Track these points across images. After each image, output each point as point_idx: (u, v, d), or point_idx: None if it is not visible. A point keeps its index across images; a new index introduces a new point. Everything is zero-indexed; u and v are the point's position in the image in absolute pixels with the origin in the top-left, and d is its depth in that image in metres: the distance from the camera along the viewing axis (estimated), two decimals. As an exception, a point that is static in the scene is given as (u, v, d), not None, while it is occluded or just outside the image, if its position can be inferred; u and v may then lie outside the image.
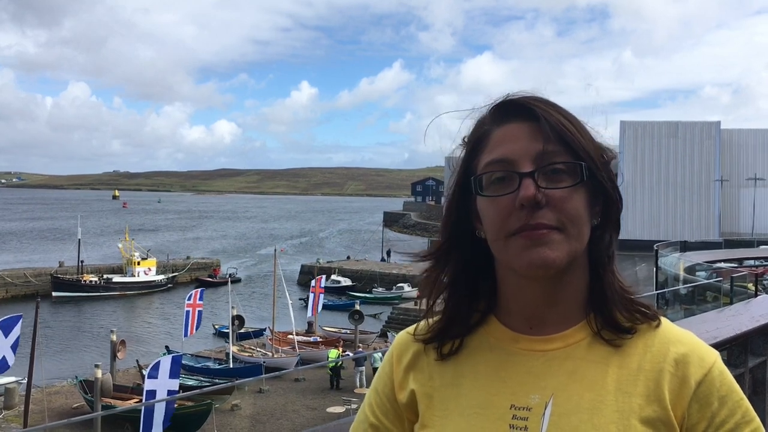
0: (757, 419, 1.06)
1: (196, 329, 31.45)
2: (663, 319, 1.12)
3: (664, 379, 1.04)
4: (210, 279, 60.30)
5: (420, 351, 1.18)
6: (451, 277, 1.16)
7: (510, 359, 1.10)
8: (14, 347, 20.06)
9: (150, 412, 17.99)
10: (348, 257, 70.08)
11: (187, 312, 31.09)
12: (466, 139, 1.14)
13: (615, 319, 1.08)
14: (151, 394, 18.93)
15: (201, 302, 31.62)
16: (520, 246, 1.02)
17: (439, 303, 1.18)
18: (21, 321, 20.19)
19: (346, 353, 30.41)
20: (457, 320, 1.15)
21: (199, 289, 33.77)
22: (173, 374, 19.00)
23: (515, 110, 1.08)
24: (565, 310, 1.09)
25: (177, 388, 19.48)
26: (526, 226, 1.02)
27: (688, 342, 1.08)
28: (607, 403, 1.03)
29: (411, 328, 1.23)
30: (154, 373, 19.10)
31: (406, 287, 52.10)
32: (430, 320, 1.18)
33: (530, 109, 1.06)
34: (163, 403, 17.78)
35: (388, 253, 70.16)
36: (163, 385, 18.93)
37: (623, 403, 1.03)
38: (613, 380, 1.05)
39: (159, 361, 19.58)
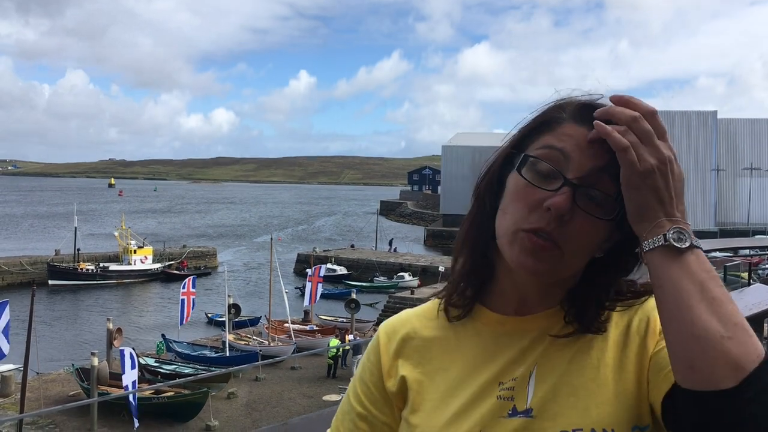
0: None
1: (190, 317, 31.90)
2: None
3: (635, 329, 1.07)
4: (177, 272, 57.42)
5: (407, 337, 1.19)
6: (477, 240, 1.13)
7: (497, 341, 1.12)
8: (6, 333, 20.01)
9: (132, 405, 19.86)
10: (352, 245, 70.00)
11: (182, 300, 31.34)
12: (536, 112, 1.09)
13: (588, 322, 1.09)
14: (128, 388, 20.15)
15: (194, 290, 31.89)
16: (519, 245, 1.02)
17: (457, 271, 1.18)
18: (8, 306, 20.01)
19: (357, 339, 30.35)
20: (477, 279, 1.15)
21: (191, 277, 33.99)
22: (132, 365, 20.45)
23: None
24: (553, 297, 1.11)
25: (136, 378, 20.88)
26: (538, 229, 1.00)
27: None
28: (589, 363, 1.06)
29: (397, 316, 1.25)
30: (123, 368, 20.53)
31: (407, 276, 52.21)
32: (450, 281, 1.19)
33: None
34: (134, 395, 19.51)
35: (390, 243, 70.22)
36: (127, 376, 20.43)
37: (604, 363, 1.05)
38: (594, 345, 1.07)
39: (123, 353, 20.77)
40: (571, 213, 0.99)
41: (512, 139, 1.09)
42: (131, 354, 20.52)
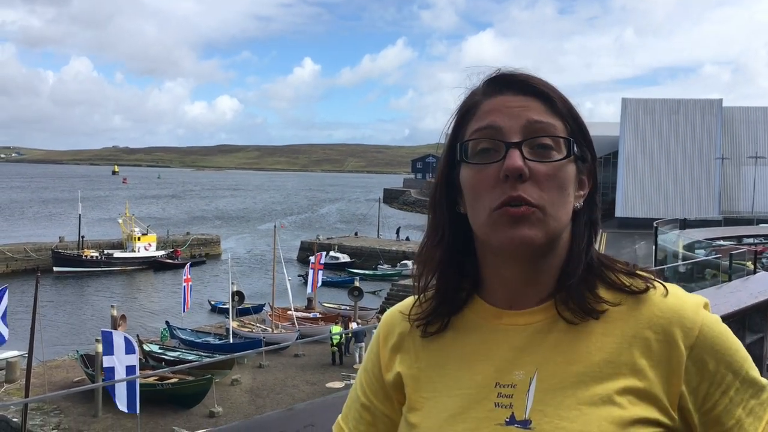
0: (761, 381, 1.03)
1: (190, 304, 32.43)
2: (656, 284, 1.07)
3: (648, 346, 1.01)
4: (170, 261, 57.07)
5: (406, 332, 1.17)
6: (440, 256, 1.13)
7: (493, 336, 1.09)
8: (3, 318, 19.93)
9: (112, 389, 18.01)
10: (356, 233, 69.87)
11: (184, 287, 31.60)
12: (456, 109, 1.12)
13: (583, 300, 1.05)
14: (110, 371, 18.51)
15: (188, 277, 32.20)
16: (500, 223, 1.00)
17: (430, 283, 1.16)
18: (7, 292, 19.82)
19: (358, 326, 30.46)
20: (446, 300, 1.14)
21: (187, 264, 34.34)
22: (129, 350, 18.55)
23: (509, 84, 1.06)
24: (545, 287, 1.07)
25: (136, 362, 18.99)
26: (508, 199, 0.99)
27: (673, 304, 1.04)
28: (592, 376, 1.01)
29: (399, 306, 1.22)
30: (108, 350, 18.67)
31: (410, 264, 52.15)
32: (421, 299, 1.16)
33: (525, 83, 1.05)
34: (124, 382, 17.59)
35: (398, 231, 70.17)
36: (120, 361, 18.48)
37: (607, 374, 1.00)
38: (597, 350, 1.02)
39: (111, 335, 19.00)
40: (528, 169, 1.00)
41: (447, 141, 1.12)
42: (126, 338, 19.02)
